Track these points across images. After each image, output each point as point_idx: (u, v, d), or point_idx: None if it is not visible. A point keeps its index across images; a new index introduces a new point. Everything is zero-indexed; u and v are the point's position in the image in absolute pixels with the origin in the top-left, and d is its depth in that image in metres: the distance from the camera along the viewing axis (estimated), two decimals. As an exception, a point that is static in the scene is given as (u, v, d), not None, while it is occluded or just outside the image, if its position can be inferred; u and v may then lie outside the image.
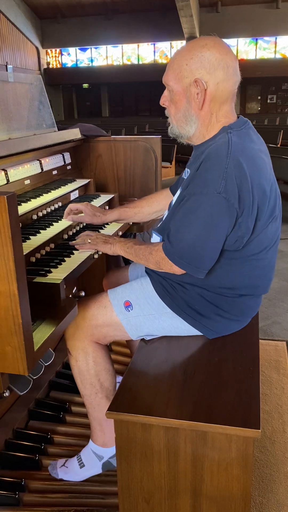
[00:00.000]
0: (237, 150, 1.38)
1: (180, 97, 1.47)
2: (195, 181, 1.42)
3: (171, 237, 1.46)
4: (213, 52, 1.40)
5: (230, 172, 1.34)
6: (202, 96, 1.44)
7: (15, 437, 1.98)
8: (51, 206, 2.08)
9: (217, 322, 1.60)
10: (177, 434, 1.32)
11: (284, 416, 2.26)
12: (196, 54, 1.41)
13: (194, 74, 1.41)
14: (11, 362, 1.18)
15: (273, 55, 19.93)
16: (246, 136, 1.46)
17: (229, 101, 1.48)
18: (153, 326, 1.64)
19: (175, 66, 1.46)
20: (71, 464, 1.83)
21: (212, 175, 1.35)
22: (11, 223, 1.05)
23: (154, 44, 21.32)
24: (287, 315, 3.43)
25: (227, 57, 1.42)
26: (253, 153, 1.43)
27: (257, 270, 1.55)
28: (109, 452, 1.80)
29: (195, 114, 1.47)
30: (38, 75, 2.57)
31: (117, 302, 1.65)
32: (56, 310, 1.41)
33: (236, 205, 1.36)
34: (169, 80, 1.48)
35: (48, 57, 22.54)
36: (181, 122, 1.51)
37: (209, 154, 1.40)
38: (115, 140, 2.70)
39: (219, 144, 1.40)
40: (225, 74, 1.41)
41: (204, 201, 1.37)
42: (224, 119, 1.48)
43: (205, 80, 1.41)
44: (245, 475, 1.31)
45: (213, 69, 1.40)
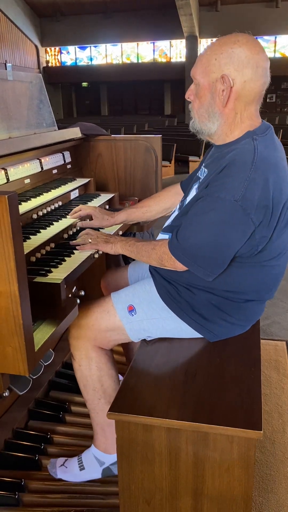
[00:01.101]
0: (262, 161, 1.34)
1: (205, 92, 1.43)
2: (215, 184, 1.37)
3: (179, 233, 1.45)
4: (244, 49, 1.36)
5: (252, 182, 1.31)
6: (227, 93, 1.39)
7: (14, 437, 1.98)
8: (51, 205, 2.07)
9: (221, 327, 1.59)
10: (178, 435, 1.31)
11: (284, 416, 2.25)
12: (227, 49, 1.37)
13: (222, 69, 1.37)
14: (12, 363, 1.18)
15: (273, 54, 19.92)
16: (271, 143, 1.43)
17: (255, 102, 1.44)
18: (156, 330, 1.63)
19: (204, 59, 1.42)
20: (71, 465, 1.83)
21: (233, 181, 1.32)
22: (12, 223, 1.05)
23: (153, 42, 21.29)
24: (287, 315, 3.43)
25: (258, 57, 1.37)
26: (277, 162, 1.40)
27: (268, 276, 1.54)
28: (111, 459, 1.79)
29: (219, 111, 1.43)
30: (38, 74, 2.56)
31: (121, 306, 1.64)
32: (56, 310, 1.40)
33: (252, 215, 1.33)
34: (196, 73, 1.44)
35: (48, 56, 22.50)
36: (203, 117, 1.47)
37: (233, 160, 1.36)
38: (116, 139, 2.69)
39: (244, 151, 1.36)
40: (254, 73, 1.37)
41: (218, 205, 1.34)
42: (248, 121, 1.44)
43: (232, 77, 1.37)
44: (246, 477, 1.30)
45: (242, 66, 1.36)
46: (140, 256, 1.60)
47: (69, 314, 1.41)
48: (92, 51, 22.25)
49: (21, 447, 1.94)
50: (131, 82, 22.30)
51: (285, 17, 18.48)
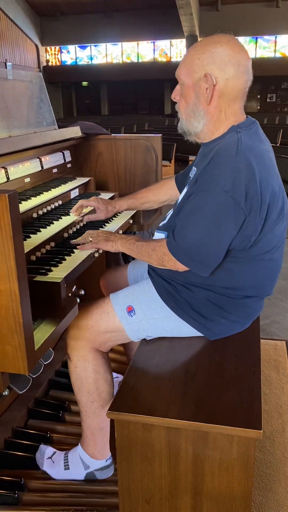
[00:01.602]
0: (247, 149, 1.37)
1: (190, 91, 1.48)
2: (203, 178, 1.41)
3: (176, 233, 1.45)
4: (225, 49, 1.41)
5: (239, 171, 1.33)
6: (211, 91, 1.43)
7: (14, 436, 1.98)
8: (51, 204, 2.07)
9: (220, 324, 1.59)
10: (178, 434, 1.31)
11: (283, 415, 2.25)
12: (209, 49, 1.42)
13: (205, 68, 1.42)
14: (12, 362, 1.18)
15: (273, 54, 19.92)
16: (255, 136, 1.46)
17: (239, 99, 1.48)
18: (156, 329, 1.63)
19: (187, 60, 1.47)
20: (57, 460, 1.82)
21: (221, 173, 1.35)
22: (12, 222, 1.05)
23: (153, 42, 21.28)
24: (286, 315, 3.43)
25: (239, 55, 1.42)
26: (262, 153, 1.42)
27: (264, 270, 1.55)
28: (96, 465, 1.78)
29: (203, 109, 1.47)
30: (38, 73, 2.56)
31: (120, 307, 1.64)
32: (56, 309, 1.40)
33: (242, 205, 1.35)
34: (181, 74, 1.50)
35: (48, 55, 22.49)
36: (190, 117, 1.51)
37: (218, 152, 1.39)
38: (116, 139, 2.69)
39: (229, 142, 1.40)
40: (236, 71, 1.42)
41: (210, 199, 1.36)
42: (233, 117, 1.48)
43: (215, 75, 1.42)
44: (246, 476, 1.30)
45: (224, 65, 1.41)
46: (141, 255, 1.60)
47: (69, 313, 1.41)
48: (92, 50, 22.24)
49: (20, 446, 1.93)
50: (131, 82, 22.30)
51: (285, 16, 18.48)
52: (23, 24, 19.58)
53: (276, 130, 10.35)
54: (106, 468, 1.79)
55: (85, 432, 1.76)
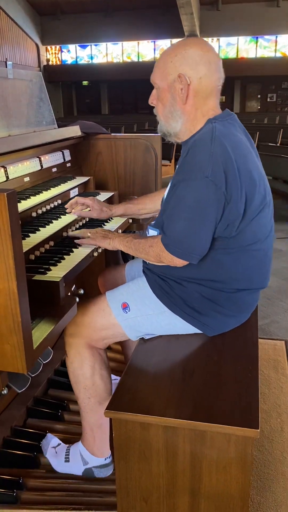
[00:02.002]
0: (221, 136, 1.42)
1: (166, 94, 1.54)
2: (182, 168, 1.46)
3: (165, 228, 1.49)
4: (196, 49, 1.48)
5: (216, 156, 1.37)
6: (186, 91, 1.49)
7: (13, 435, 1.98)
8: (50, 203, 2.07)
9: (214, 319, 1.60)
10: (175, 433, 1.32)
11: (282, 415, 2.26)
12: (180, 51, 1.49)
13: (178, 70, 1.48)
14: (10, 360, 1.18)
15: (274, 53, 19.89)
16: (230, 126, 1.51)
17: (213, 96, 1.54)
18: (151, 326, 1.64)
19: (161, 64, 1.54)
20: (60, 452, 1.86)
21: (199, 160, 1.39)
22: (11, 221, 1.05)
23: (154, 41, 21.26)
24: (285, 314, 3.43)
25: (209, 54, 1.49)
26: (237, 140, 1.47)
27: (253, 261, 1.56)
28: (95, 462, 1.80)
29: (180, 109, 1.53)
30: (38, 72, 2.56)
31: (115, 304, 1.65)
32: (55, 308, 1.41)
33: (223, 189, 1.38)
34: (155, 78, 1.56)
35: (48, 54, 22.47)
36: (168, 118, 1.57)
37: (194, 142, 1.45)
38: (116, 138, 2.69)
39: (204, 132, 1.46)
40: (207, 69, 1.48)
41: (193, 186, 1.39)
42: (209, 113, 1.53)
43: (188, 75, 1.48)
44: (243, 475, 1.30)
45: (196, 64, 1.47)
46: (138, 253, 1.62)
47: (68, 312, 1.41)
48: (93, 49, 22.22)
49: (19, 445, 1.94)
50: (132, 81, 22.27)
51: (286, 16, 18.45)
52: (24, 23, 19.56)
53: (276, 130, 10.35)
54: (105, 466, 1.80)
55: (85, 429, 1.78)
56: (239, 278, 1.57)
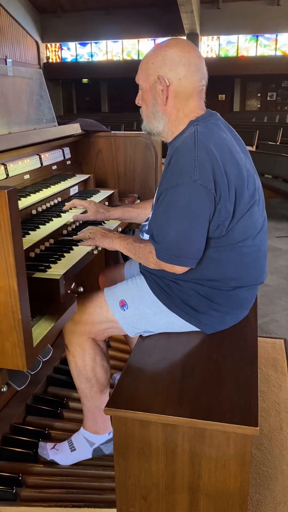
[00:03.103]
0: (204, 137, 1.42)
1: (148, 94, 1.56)
2: (168, 175, 1.44)
3: (156, 237, 1.47)
4: (175, 51, 1.48)
5: (201, 159, 1.37)
6: (166, 92, 1.51)
7: (12, 432, 1.98)
8: (50, 201, 2.07)
9: (212, 317, 1.60)
10: (175, 431, 1.32)
11: (281, 413, 2.26)
12: (160, 53, 1.50)
13: (158, 71, 1.50)
14: (10, 358, 1.18)
15: (274, 52, 19.88)
16: (213, 126, 1.50)
17: (194, 97, 1.53)
18: (149, 324, 1.65)
19: (144, 65, 1.56)
20: (62, 447, 1.88)
21: (184, 166, 1.38)
22: (12, 218, 1.05)
23: (154, 39, 21.20)
24: (285, 313, 3.44)
25: (189, 55, 1.49)
26: (221, 139, 1.46)
27: (246, 258, 1.56)
28: (101, 439, 1.85)
29: (161, 110, 1.54)
30: (39, 69, 2.56)
31: (113, 301, 1.66)
32: (55, 306, 1.41)
33: (213, 191, 1.38)
34: (139, 79, 1.59)
35: (48, 52, 22.43)
36: (150, 118, 1.59)
37: (177, 147, 1.45)
38: (116, 136, 2.69)
39: (186, 136, 1.45)
40: (187, 70, 1.48)
41: (181, 192, 1.39)
42: (191, 114, 1.52)
43: (168, 77, 1.49)
44: (242, 473, 1.31)
45: (175, 66, 1.48)
46: (138, 257, 1.62)
47: (68, 310, 1.41)
48: (93, 47, 22.19)
49: (19, 442, 1.94)
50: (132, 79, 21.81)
51: (286, 15, 18.43)
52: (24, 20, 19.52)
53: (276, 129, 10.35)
54: (110, 441, 1.85)
55: (86, 414, 1.83)
56: (234, 276, 1.57)
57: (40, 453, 1.89)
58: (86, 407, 1.81)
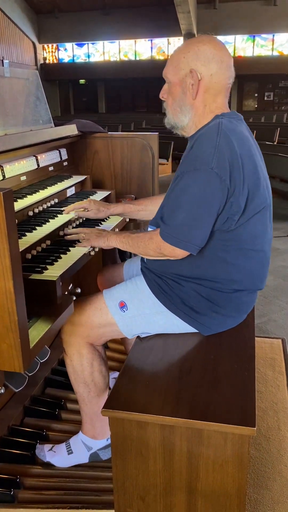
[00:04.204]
0: (228, 130, 1.44)
1: (177, 88, 1.56)
2: (187, 160, 1.47)
3: (166, 218, 1.49)
4: (209, 47, 1.50)
5: (221, 149, 1.40)
6: (196, 87, 1.52)
7: (10, 434, 1.98)
8: (47, 202, 2.07)
9: (212, 319, 1.60)
10: (172, 432, 1.32)
11: (279, 413, 2.26)
12: (193, 48, 1.51)
13: (190, 65, 1.51)
14: (7, 359, 1.18)
15: (271, 52, 19.92)
16: (238, 123, 1.53)
17: (222, 94, 1.56)
18: (148, 325, 1.64)
19: (174, 59, 1.56)
20: (59, 449, 1.88)
21: (204, 152, 1.41)
22: (7, 220, 1.05)
23: (151, 40, 21.27)
24: (282, 313, 3.44)
25: (221, 53, 1.52)
26: (244, 136, 1.49)
27: (252, 262, 1.57)
28: (99, 444, 1.84)
29: (189, 104, 1.56)
30: (35, 70, 2.55)
31: (112, 303, 1.66)
32: (52, 307, 1.40)
33: (227, 182, 1.40)
34: (167, 73, 1.59)
35: (45, 52, 22.44)
36: (176, 111, 1.59)
37: (200, 135, 1.48)
38: (112, 137, 2.69)
39: (211, 126, 1.49)
40: (219, 67, 1.51)
41: (197, 177, 1.41)
42: (217, 111, 1.55)
43: (200, 71, 1.51)
44: (240, 473, 1.31)
45: (208, 61, 1.50)
46: (136, 247, 1.62)
47: (65, 311, 1.41)
48: (90, 48, 22.21)
49: (16, 444, 1.94)
50: (129, 80, 22.27)
51: (283, 15, 18.48)
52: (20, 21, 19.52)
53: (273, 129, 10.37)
54: (108, 446, 1.84)
55: (84, 418, 1.82)
56: (238, 278, 1.57)
57: (38, 454, 1.89)
58: (84, 411, 1.80)
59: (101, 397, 1.75)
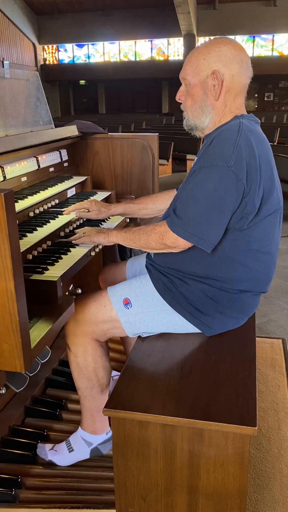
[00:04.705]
0: (248, 130, 1.45)
1: (197, 89, 1.57)
2: (206, 155, 1.47)
3: (178, 210, 1.49)
4: (229, 48, 1.52)
5: (240, 148, 1.40)
6: (219, 88, 1.53)
7: (11, 434, 1.98)
8: (48, 203, 2.07)
9: (215, 319, 1.60)
10: (173, 431, 1.32)
11: (279, 413, 2.27)
12: (214, 49, 1.53)
13: (212, 67, 1.52)
14: (8, 359, 1.18)
15: (270, 52, 19.92)
16: (256, 125, 1.55)
17: (242, 94, 1.58)
18: (151, 323, 1.65)
19: (193, 61, 1.57)
20: (60, 448, 1.89)
21: (223, 149, 1.41)
22: (8, 220, 1.05)
23: (151, 41, 21.26)
24: (283, 313, 3.44)
25: (241, 53, 1.54)
26: (262, 138, 1.51)
27: (259, 264, 1.57)
28: (99, 439, 1.86)
29: (211, 104, 1.56)
30: (35, 71, 2.56)
31: (116, 299, 1.66)
32: (53, 308, 1.41)
33: (244, 181, 1.40)
34: (186, 74, 1.58)
35: (45, 53, 22.43)
36: (197, 113, 1.59)
37: (220, 132, 1.48)
38: (112, 137, 2.69)
39: (231, 124, 1.49)
40: (240, 67, 1.53)
41: (213, 173, 1.41)
42: (236, 111, 1.57)
43: (222, 72, 1.52)
44: (241, 473, 1.31)
45: (229, 62, 1.51)
46: (138, 239, 1.61)
47: (66, 312, 1.41)
48: (90, 49, 22.21)
49: (18, 444, 1.94)
50: (129, 80, 22.27)
51: (282, 15, 18.48)
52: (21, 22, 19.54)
53: (273, 129, 10.37)
54: (108, 441, 1.86)
55: (84, 414, 1.83)
56: (244, 279, 1.57)
57: (39, 454, 1.90)
58: (85, 407, 1.81)
59: (103, 393, 1.77)
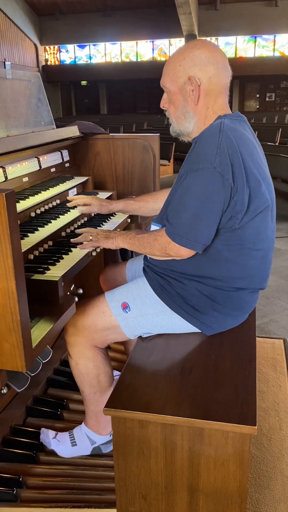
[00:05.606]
0: (229, 130, 1.45)
1: (177, 96, 1.57)
2: (190, 160, 1.48)
3: (171, 218, 1.49)
4: (203, 51, 1.51)
5: (223, 148, 1.40)
6: (197, 92, 1.53)
7: (13, 433, 1.99)
8: (49, 203, 2.08)
9: (213, 318, 1.61)
10: (174, 430, 1.33)
11: (280, 413, 2.27)
12: (188, 54, 1.52)
13: (188, 72, 1.52)
14: (9, 359, 1.19)
15: (272, 53, 19.91)
16: (238, 124, 1.54)
17: (223, 94, 1.57)
18: (151, 325, 1.65)
19: (169, 68, 1.57)
20: (63, 439, 1.93)
21: (206, 151, 1.42)
22: (10, 221, 1.06)
23: (152, 41, 21.27)
24: (284, 313, 3.45)
25: (215, 54, 1.53)
26: (244, 137, 1.50)
27: (253, 261, 1.57)
28: (102, 439, 1.89)
29: (192, 110, 1.57)
30: (37, 72, 2.57)
31: (115, 304, 1.67)
32: (54, 308, 1.42)
33: (230, 180, 1.41)
34: (165, 82, 1.59)
35: (47, 54, 22.47)
36: (180, 119, 1.60)
37: (202, 134, 1.49)
38: (114, 138, 2.70)
39: (212, 125, 1.49)
40: (216, 69, 1.52)
41: (199, 176, 1.42)
42: (219, 111, 1.57)
43: (198, 76, 1.52)
44: (241, 472, 1.31)
45: (204, 65, 1.51)
46: (142, 248, 1.62)
47: (67, 312, 1.42)
48: (91, 49, 22.23)
49: (19, 444, 1.95)
50: (130, 81, 22.30)
51: (284, 15, 18.48)
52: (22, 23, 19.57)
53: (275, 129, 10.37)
54: (110, 441, 1.90)
55: (89, 414, 1.87)
56: (239, 277, 1.58)
57: (42, 440, 1.93)
58: (90, 409, 1.84)
59: (106, 395, 1.78)
